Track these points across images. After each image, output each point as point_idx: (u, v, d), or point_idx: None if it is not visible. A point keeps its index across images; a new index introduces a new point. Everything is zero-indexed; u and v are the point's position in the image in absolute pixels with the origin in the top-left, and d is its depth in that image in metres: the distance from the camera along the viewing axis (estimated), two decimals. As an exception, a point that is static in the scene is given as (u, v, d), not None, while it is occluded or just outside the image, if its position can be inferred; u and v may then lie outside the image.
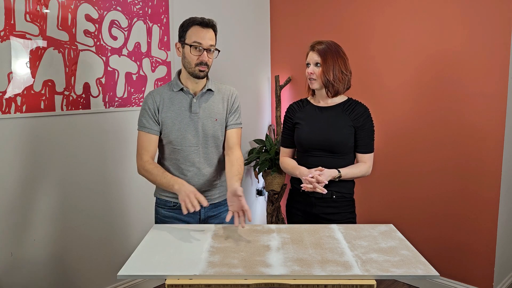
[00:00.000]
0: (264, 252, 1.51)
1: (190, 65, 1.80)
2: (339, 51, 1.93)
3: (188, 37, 1.79)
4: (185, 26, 1.81)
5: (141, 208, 2.84)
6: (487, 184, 2.58)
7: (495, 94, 2.51)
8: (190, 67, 1.81)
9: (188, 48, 1.79)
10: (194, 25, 1.78)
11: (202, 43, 1.77)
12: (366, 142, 1.95)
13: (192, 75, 1.83)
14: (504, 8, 2.44)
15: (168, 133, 1.85)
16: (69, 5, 2.40)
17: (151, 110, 1.84)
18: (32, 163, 2.35)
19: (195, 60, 1.79)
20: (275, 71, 3.61)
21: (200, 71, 1.81)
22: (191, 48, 1.78)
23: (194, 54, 1.78)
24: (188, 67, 1.82)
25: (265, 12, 3.59)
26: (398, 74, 2.89)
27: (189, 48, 1.79)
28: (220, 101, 1.91)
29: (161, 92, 1.88)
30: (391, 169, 2.98)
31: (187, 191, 1.68)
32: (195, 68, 1.80)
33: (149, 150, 1.85)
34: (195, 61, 1.79)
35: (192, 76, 1.83)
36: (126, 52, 2.68)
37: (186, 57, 1.81)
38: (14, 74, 2.23)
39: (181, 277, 1.35)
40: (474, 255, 2.67)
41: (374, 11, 2.97)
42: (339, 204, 1.94)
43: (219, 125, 1.89)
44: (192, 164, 1.88)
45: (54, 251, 2.48)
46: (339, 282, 1.33)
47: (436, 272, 1.38)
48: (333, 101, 1.98)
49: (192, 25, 1.79)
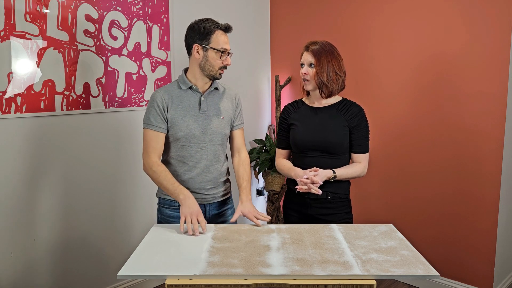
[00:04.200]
0: (264, 252, 1.51)
1: (213, 68, 1.85)
2: (333, 51, 1.92)
3: (215, 42, 1.82)
4: (208, 29, 1.82)
5: (141, 208, 2.84)
6: (487, 184, 2.58)
7: (495, 94, 2.51)
8: (213, 70, 1.85)
9: (214, 52, 1.82)
10: (219, 30, 1.83)
11: (228, 49, 1.85)
12: (361, 142, 1.95)
13: (212, 77, 1.88)
14: (504, 8, 2.44)
15: (177, 131, 1.86)
16: (69, 5, 2.40)
17: (159, 107, 1.85)
18: (32, 163, 2.35)
19: (220, 64, 1.85)
20: (275, 71, 3.61)
21: (220, 74, 1.88)
22: (219, 53, 1.82)
23: (221, 59, 1.84)
24: (210, 70, 1.85)
25: (265, 12, 3.59)
26: (398, 74, 2.89)
27: (214, 53, 1.82)
28: (227, 100, 1.95)
29: (169, 90, 1.89)
30: (391, 169, 2.98)
31: (191, 209, 1.72)
32: (218, 71, 1.86)
33: (157, 148, 1.86)
34: (220, 65, 1.85)
35: (211, 78, 1.89)
36: (126, 52, 2.68)
37: (210, 60, 1.83)
38: (14, 74, 2.23)
39: (181, 277, 1.35)
40: (474, 255, 2.67)
41: (374, 11, 2.97)
42: (334, 204, 1.94)
43: (225, 122, 1.93)
44: (200, 161, 1.89)
45: (54, 251, 2.48)
46: (339, 282, 1.33)
47: (436, 272, 1.38)
48: (327, 101, 1.98)
49: (217, 30, 1.82)
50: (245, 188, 1.91)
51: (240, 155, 2.00)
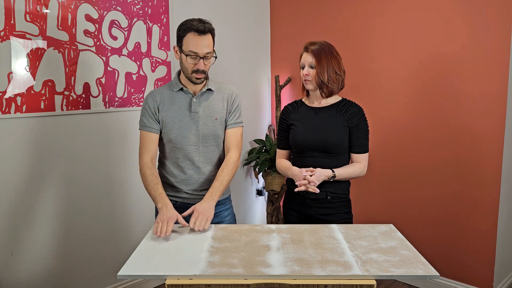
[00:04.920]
0: (264, 252, 1.51)
1: (187, 71, 1.82)
2: (332, 51, 1.92)
3: (185, 45, 1.77)
4: (181, 31, 1.78)
5: (141, 208, 2.84)
6: (487, 184, 2.58)
7: (495, 94, 2.51)
8: (187, 73, 1.82)
9: (184, 55, 1.78)
10: (190, 32, 1.75)
11: (198, 52, 1.76)
12: (361, 142, 1.95)
13: (189, 80, 1.84)
14: (504, 8, 2.44)
15: (168, 132, 1.86)
16: (69, 5, 2.40)
17: (151, 109, 1.86)
18: (32, 163, 2.35)
19: (192, 68, 1.80)
20: (275, 71, 3.61)
21: (196, 79, 1.81)
22: (187, 57, 1.78)
23: (190, 62, 1.78)
24: (185, 72, 1.83)
25: (265, 12, 3.59)
26: (398, 74, 2.89)
27: (185, 56, 1.78)
28: (220, 100, 1.92)
29: (161, 92, 1.89)
30: (391, 169, 2.98)
31: (166, 215, 1.69)
32: (192, 74, 1.81)
33: (150, 149, 1.86)
34: (191, 68, 1.80)
35: (190, 81, 1.85)
36: (126, 52, 2.68)
37: (183, 63, 1.81)
38: (14, 74, 2.23)
39: (181, 277, 1.35)
40: (474, 255, 2.67)
41: (374, 11, 2.97)
42: (334, 204, 1.94)
43: (219, 123, 1.90)
44: (192, 162, 1.89)
45: (54, 251, 2.48)
46: (339, 282, 1.33)
47: (436, 272, 1.38)
48: (327, 101, 1.98)
49: (189, 32, 1.75)
50: (212, 187, 1.82)
51: (226, 155, 1.92)
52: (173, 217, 1.70)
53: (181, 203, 1.93)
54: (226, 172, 1.86)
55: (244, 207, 3.61)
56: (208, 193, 1.80)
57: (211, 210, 1.75)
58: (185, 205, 1.91)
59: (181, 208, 1.90)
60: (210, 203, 1.77)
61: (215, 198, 1.80)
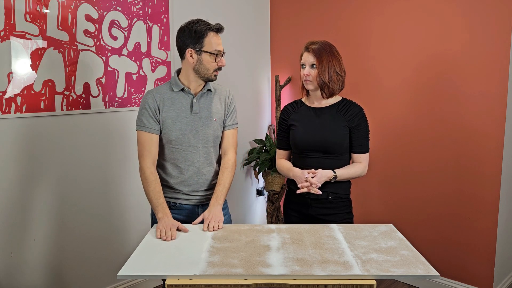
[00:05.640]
0: (264, 252, 1.51)
1: (208, 71, 1.83)
2: (333, 51, 1.91)
3: (208, 45, 1.79)
4: (200, 33, 1.78)
5: (141, 208, 2.84)
6: (487, 184, 2.58)
7: (495, 94, 2.51)
8: (208, 73, 1.83)
9: (208, 55, 1.79)
10: (210, 31, 1.79)
11: (222, 50, 1.82)
12: (361, 142, 1.95)
13: (207, 79, 1.86)
14: (504, 8, 2.44)
15: (168, 133, 1.85)
16: (69, 5, 2.40)
17: (151, 109, 1.84)
18: (32, 163, 2.35)
19: (215, 67, 1.82)
20: (275, 71, 3.61)
21: (215, 76, 1.86)
22: (213, 56, 1.80)
23: (215, 61, 1.81)
24: (205, 73, 1.83)
25: (265, 12, 3.59)
26: (398, 74, 2.89)
27: (208, 56, 1.79)
28: (218, 101, 1.92)
29: (160, 92, 1.87)
30: (391, 169, 2.98)
31: (166, 224, 1.70)
32: (212, 73, 1.84)
33: (151, 151, 1.84)
34: (214, 67, 1.82)
35: (206, 80, 1.86)
36: (126, 52, 2.68)
37: (204, 63, 1.81)
38: (14, 74, 2.23)
39: (181, 277, 1.35)
40: (474, 255, 2.67)
41: (374, 11, 2.97)
42: (335, 205, 1.94)
43: (218, 124, 1.90)
44: (192, 163, 1.88)
45: (54, 251, 2.48)
46: (339, 282, 1.33)
47: (436, 272, 1.38)
48: (327, 102, 1.97)
49: (209, 31, 1.79)
50: (215, 192, 1.86)
51: (224, 157, 1.93)
52: (175, 225, 1.72)
53: (179, 205, 1.92)
54: (226, 175, 1.88)
55: (244, 207, 3.61)
56: (213, 199, 1.84)
57: (220, 214, 1.80)
58: (182, 207, 1.91)
59: (179, 209, 1.90)
60: (217, 208, 1.81)
61: (220, 202, 1.83)
